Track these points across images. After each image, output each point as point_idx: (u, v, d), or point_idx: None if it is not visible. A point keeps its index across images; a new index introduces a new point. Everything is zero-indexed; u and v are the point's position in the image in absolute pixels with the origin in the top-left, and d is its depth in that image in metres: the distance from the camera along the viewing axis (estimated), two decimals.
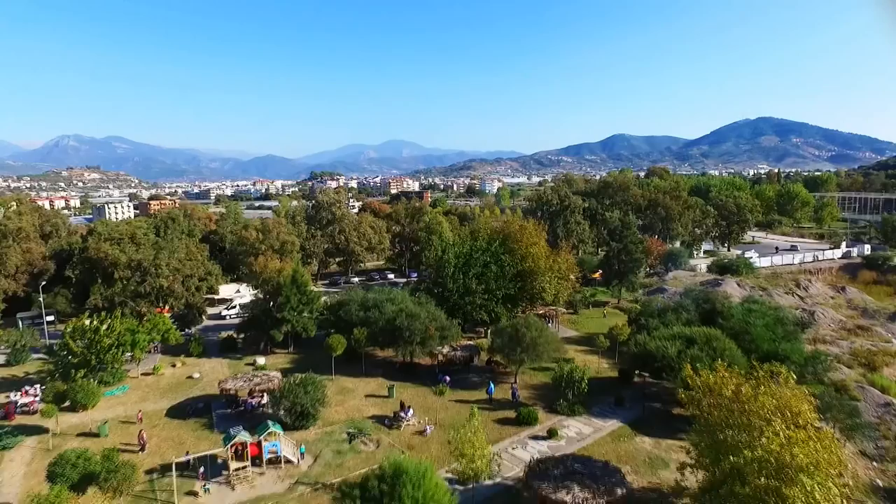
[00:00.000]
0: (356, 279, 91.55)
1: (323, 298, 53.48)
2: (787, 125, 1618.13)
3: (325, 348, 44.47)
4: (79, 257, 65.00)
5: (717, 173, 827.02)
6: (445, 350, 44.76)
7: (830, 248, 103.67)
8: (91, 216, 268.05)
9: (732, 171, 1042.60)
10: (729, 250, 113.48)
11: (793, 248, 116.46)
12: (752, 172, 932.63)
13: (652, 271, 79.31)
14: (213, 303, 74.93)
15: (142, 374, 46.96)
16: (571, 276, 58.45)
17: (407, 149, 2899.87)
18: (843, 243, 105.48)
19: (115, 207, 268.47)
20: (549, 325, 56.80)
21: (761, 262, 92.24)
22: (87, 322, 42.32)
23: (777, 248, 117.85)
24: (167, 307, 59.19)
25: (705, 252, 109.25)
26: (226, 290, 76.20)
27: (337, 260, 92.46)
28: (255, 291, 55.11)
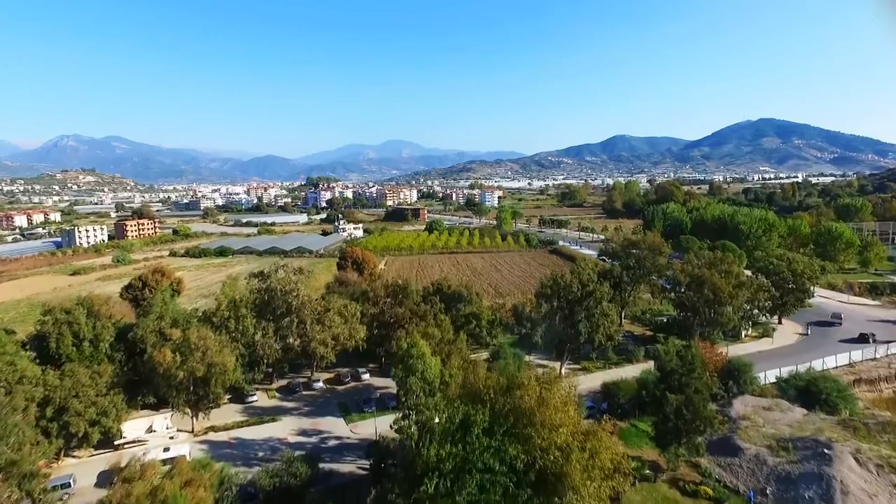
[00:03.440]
0: (320, 383, 71.75)
1: None
2: (788, 127, 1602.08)
3: None
4: None
5: (721, 178, 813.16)
6: None
7: None
8: (60, 240, 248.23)
9: (735, 174, 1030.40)
10: (780, 322, 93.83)
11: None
12: (756, 177, 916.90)
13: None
14: (111, 443, 55.19)
15: None
16: (620, 471, 38.54)
17: (406, 149, 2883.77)
18: None
19: (87, 231, 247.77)
20: None
21: (838, 360, 72.55)
22: None
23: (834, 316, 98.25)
24: None
25: (753, 326, 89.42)
26: (135, 427, 56.50)
27: (297, 345, 71.55)
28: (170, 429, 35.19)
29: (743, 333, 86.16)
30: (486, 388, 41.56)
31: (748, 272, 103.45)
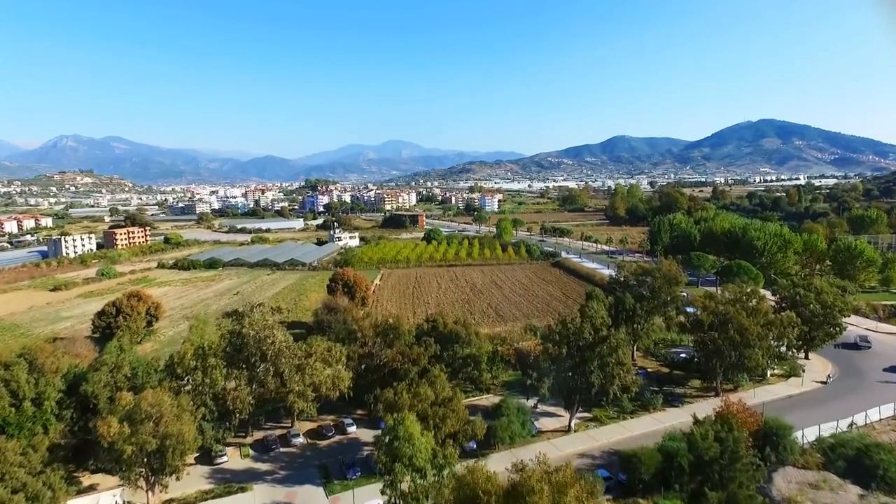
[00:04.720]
0: (300, 437, 63.91)
1: None
2: (789, 127, 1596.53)
3: None
4: None
5: (722, 179, 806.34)
6: None
7: None
8: (46, 249, 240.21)
9: (736, 175, 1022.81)
10: (807, 357, 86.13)
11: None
12: (757, 178, 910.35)
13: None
14: None
15: None
16: None
17: (406, 149, 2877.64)
18: None
19: (74, 240, 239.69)
20: None
21: (881, 412, 64.77)
22: None
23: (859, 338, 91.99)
24: None
25: (779, 361, 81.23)
26: None
27: (273, 392, 63.35)
28: None
29: (768, 373, 78.44)
30: (486, 493, 33.90)
31: (766, 292, 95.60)
